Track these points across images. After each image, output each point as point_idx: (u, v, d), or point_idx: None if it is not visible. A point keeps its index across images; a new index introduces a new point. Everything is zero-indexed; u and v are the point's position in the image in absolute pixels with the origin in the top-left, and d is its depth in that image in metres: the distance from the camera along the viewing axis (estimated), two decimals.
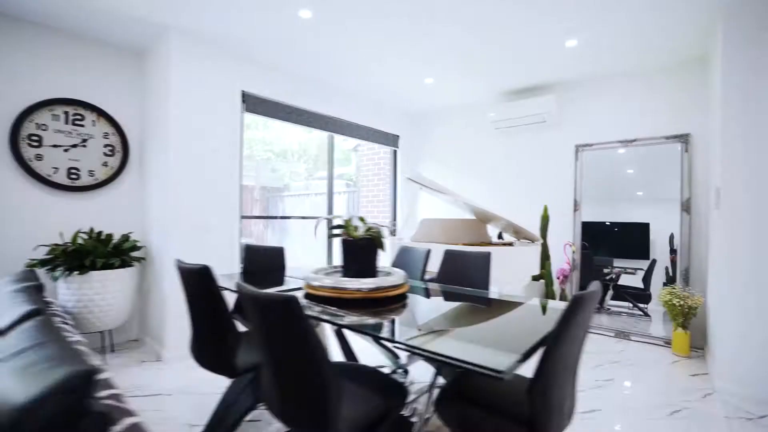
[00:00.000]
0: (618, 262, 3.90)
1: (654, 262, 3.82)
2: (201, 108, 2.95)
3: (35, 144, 2.73)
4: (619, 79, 3.60)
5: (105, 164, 3.06)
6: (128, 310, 2.88)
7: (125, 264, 2.82)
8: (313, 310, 1.57)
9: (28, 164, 2.69)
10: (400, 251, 2.82)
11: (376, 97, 4.40)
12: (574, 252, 3.77)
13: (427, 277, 2.61)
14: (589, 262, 3.83)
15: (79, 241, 2.74)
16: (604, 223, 3.82)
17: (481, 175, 4.55)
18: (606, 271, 4.16)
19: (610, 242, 3.82)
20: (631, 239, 3.71)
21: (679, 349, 3.05)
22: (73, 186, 2.90)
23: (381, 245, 2.12)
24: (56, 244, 2.61)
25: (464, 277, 2.41)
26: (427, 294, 2.08)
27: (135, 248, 2.95)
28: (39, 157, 2.75)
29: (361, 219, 2.09)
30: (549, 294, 3.43)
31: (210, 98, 3.00)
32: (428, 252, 2.66)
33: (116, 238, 2.96)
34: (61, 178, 2.85)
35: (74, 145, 2.91)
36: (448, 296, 2.07)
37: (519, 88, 4.04)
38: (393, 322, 1.57)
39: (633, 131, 3.53)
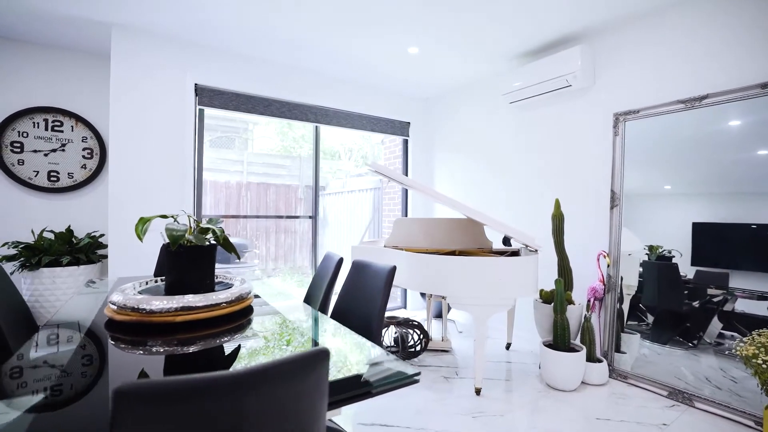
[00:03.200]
0: (741, 280, 2.53)
1: None
2: (146, 105, 2.87)
3: (17, 150, 3.00)
4: (676, 10, 2.38)
5: (84, 167, 3.24)
6: None
7: (80, 262, 2.91)
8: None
9: (10, 169, 2.97)
10: (323, 259, 2.29)
11: (370, 82, 3.85)
12: (609, 265, 2.65)
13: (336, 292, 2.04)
14: (671, 278, 2.60)
15: (49, 238, 2.92)
16: (713, 223, 2.49)
17: (498, 163, 3.61)
18: (712, 292, 2.85)
19: (724, 250, 2.45)
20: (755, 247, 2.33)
21: None
22: (53, 188, 3.12)
23: (229, 249, 1.69)
24: (18, 242, 2.81)
25: (362, 296, 1.78)
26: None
27: (98, 246, 3.04)
28: (21, 162, 3.02)
29: (195, 220, 1.66)
30: (558, 324, 2.43)
31: (157, 94, 2.91)
32: (339, 261, 2.07)
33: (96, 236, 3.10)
34: (42, 180, 3.09)
35: (54, 150, 3.13)
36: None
37: (535, 47, 3.04)
38: None
39: (702, 84, 2.29)
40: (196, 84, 3.06)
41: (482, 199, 3.75)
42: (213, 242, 1.64)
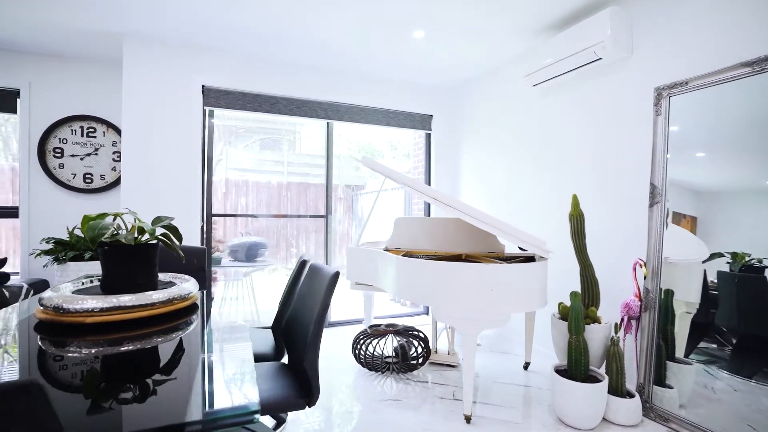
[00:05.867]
0: None
1: None
2: (155, 108, 2.99)
3: (58, 155, 3.33)
4: None
5: (114, 169, 3.49)
6: None
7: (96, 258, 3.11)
8: None
9: (52, 172, 3.31)
10: (297, 262, 2.14)
11: (381, 74, 3.63)
12: (646, 276, 2.13)
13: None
14: (759, 294, 1.99)
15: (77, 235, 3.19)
16: None
17: (522, 155, 3.17)
18: None
19: None
20: None
21: None
22: (88, 189, 3.41)
23: (171, 249, 1.62)
24: (52, 237, 3.09)
25: (308, 304, 1.59)
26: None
27: None
28: (61, 166, 3.34)
29: (137, 218, 1.61)
30: (573, 347, 1.96)
31: (165, 97, 3.02)
32: (302, 264, 1.91)
33: None
34: (78, 182, 3.39)
35: (88, 154, 3.42)
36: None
37: (557, 18, 2.57)
38: None
39: None
40: (203, 86, 3.12)
41: (504, 196, 3.33)
42: (152, 242, 1.58)
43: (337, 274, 1.49)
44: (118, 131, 3.48)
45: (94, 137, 3.44)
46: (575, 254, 2.23)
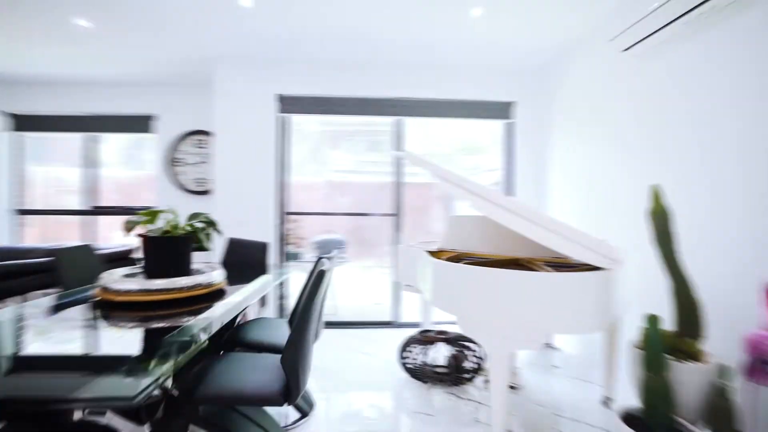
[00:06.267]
0: None
1: None
2: (239, 119, 3.40)
3: (180, 164, 4.08)
4: None
5: None
6: None
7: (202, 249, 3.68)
8: None
9: (176, 178, 4.07)
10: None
11: (447, 62, 3.39)
12: None
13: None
14: None
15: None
16: None
17: (618, 141, 2.54)
18: None
19: None
20: None
21: None
22: (200, 191, 4.10)
23: (199, 243, 1.81)
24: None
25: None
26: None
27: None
28: (183, 173, 4.09)
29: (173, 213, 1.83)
30: (649, 388, 1.43)
31: (247, 109, 3.40)
32: (317, 261, 1.88)
33: None
34: (193, 186, 4.10)
35: (201, 162, 4.10)
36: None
37: None
38: None
39: None
40: (279, 95, 3.42)
41: (592, 194, 2.74)
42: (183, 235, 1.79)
43: (321, 273, 1.42)
44: None
45: (205, 148, 4.10)
46: (663, 264, 1.68)
